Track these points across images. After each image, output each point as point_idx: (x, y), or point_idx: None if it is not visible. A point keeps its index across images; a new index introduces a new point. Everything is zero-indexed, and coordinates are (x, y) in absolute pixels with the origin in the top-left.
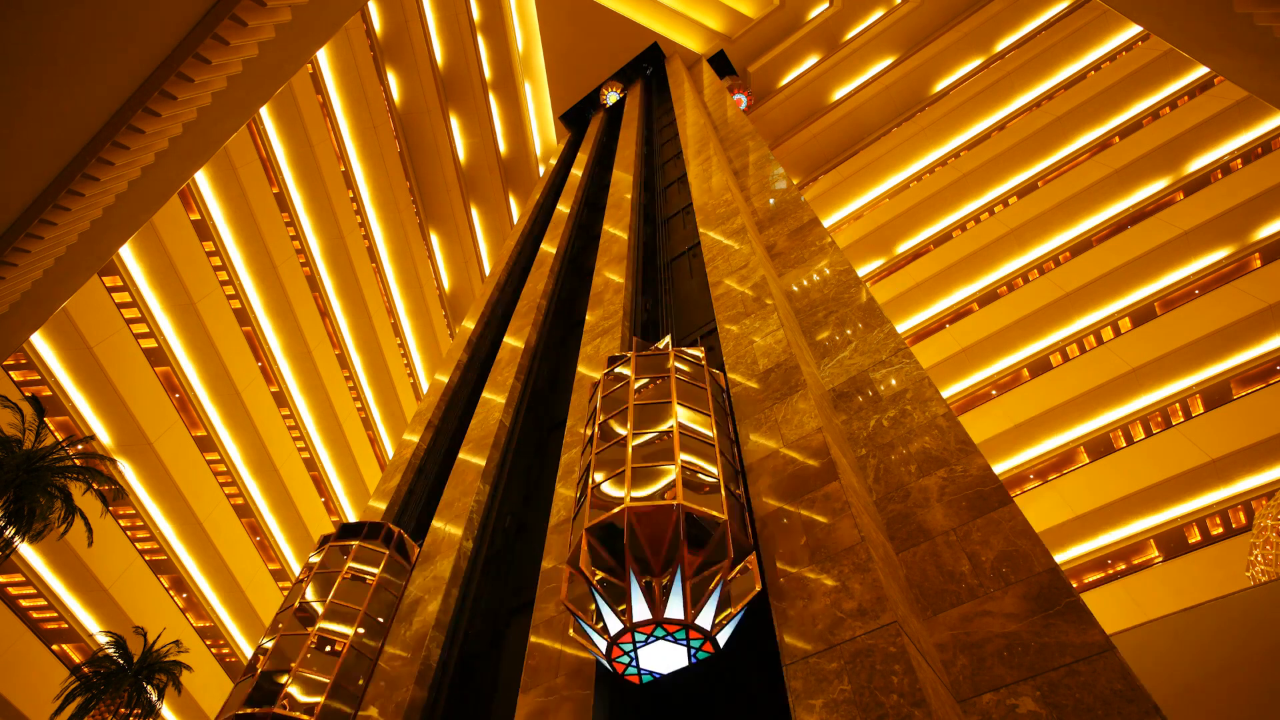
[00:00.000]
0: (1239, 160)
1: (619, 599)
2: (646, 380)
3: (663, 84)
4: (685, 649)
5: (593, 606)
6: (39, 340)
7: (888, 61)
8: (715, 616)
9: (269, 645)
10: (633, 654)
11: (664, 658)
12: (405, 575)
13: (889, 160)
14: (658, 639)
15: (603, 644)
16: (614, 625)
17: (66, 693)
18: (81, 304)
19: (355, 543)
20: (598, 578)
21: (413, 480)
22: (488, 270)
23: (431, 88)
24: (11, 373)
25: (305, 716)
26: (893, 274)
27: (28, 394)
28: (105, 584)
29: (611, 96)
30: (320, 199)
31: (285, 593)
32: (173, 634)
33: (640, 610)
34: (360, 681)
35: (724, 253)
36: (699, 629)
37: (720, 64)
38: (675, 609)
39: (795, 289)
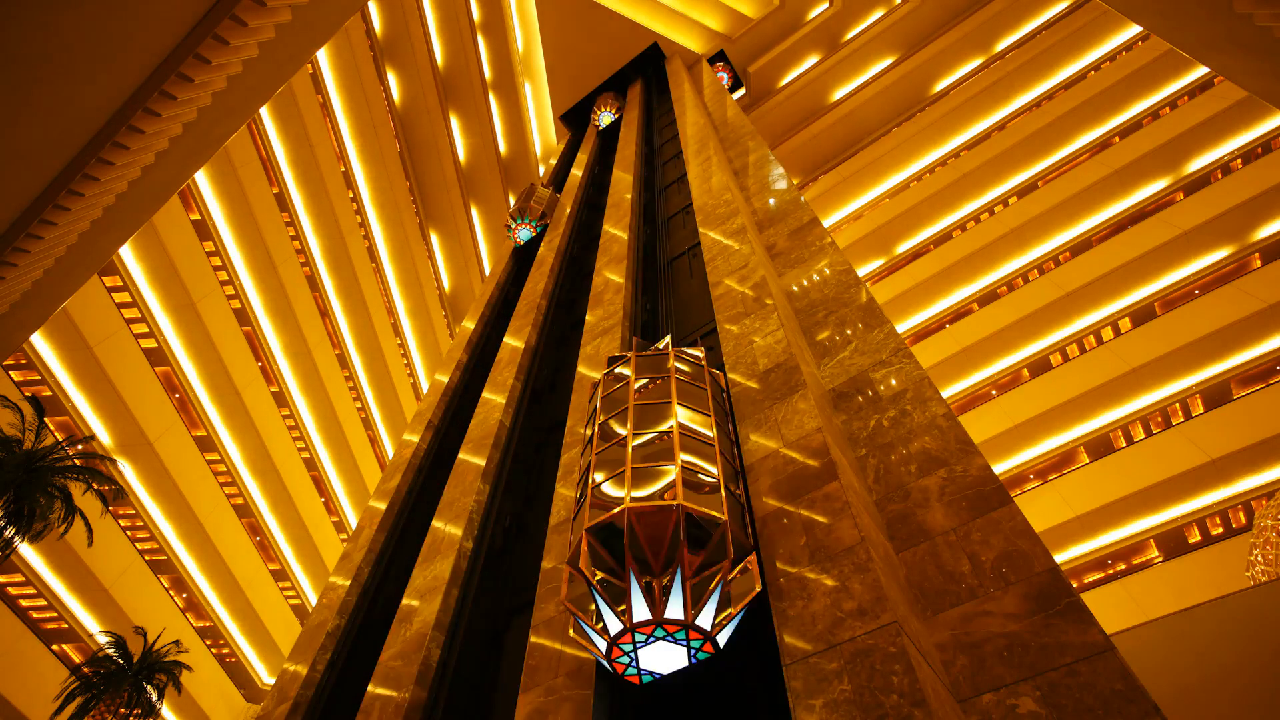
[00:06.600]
0: (1239, 160)
1: (619, 599)
2: (646, 380)
3: (663, 84)
4: (685, 649)
5: (593, 606)
6: (39, 340)
7: (888, 62)
8: (715, 617)
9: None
10: (633, 654)
11: (664, 658)
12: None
13: (889, 160)
14: (657, 639)
15: (603, 644)
16: (614, 625)
17: (66, 693)
18: (81, 304)
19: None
20: (598, 578)
21: (413, 480)
22: (488, 270)
23: (431, 88)
24: (11, 373)
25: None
26: (893, 274)
27: (28, 394)
28: (105, 584)
29: (605, 117)
30: (320, 199)
31: (285, 584)
32: (173, 634)
33: (640, 610)
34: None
35: (724, 253)
36: (699, 629)
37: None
38: (675, 609)
39: (795, 289)
